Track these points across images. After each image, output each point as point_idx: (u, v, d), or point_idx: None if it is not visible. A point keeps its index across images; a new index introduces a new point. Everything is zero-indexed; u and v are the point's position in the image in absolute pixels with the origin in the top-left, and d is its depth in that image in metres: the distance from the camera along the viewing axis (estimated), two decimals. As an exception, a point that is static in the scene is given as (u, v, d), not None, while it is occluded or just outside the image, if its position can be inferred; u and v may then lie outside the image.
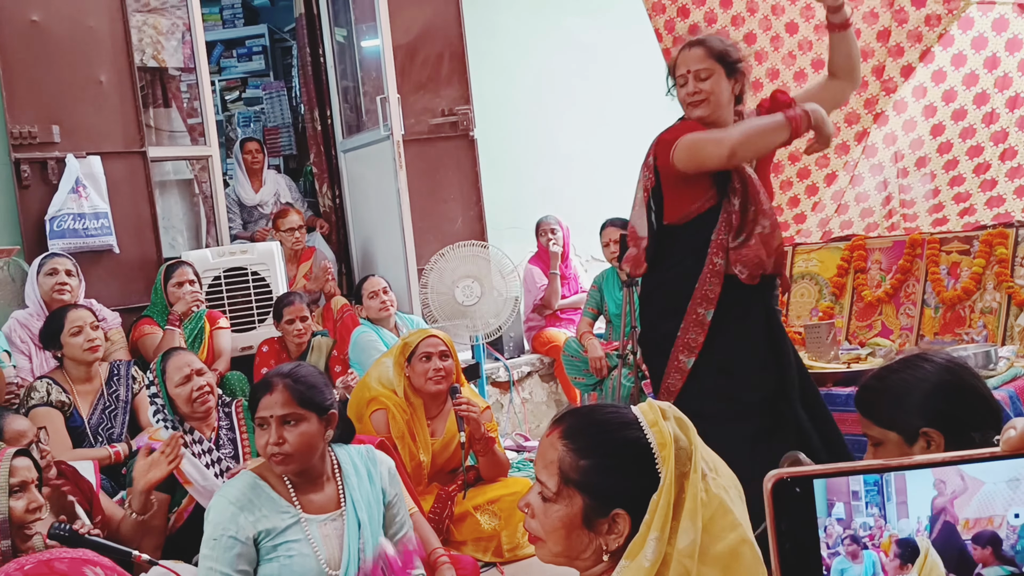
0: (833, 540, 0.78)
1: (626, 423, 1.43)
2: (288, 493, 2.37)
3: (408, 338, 3.75)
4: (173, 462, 2.77)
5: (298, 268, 5.53)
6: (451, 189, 5.72)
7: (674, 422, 1.41)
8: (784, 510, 0.79)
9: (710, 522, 1.35)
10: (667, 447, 1.37)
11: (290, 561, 2.29)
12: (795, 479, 0.79)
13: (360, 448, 2.58)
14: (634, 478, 1.38)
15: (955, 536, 0.77)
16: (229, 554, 2.25)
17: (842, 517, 0.78)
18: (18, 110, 4.49)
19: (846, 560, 0.78)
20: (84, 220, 4.50)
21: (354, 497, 2.43)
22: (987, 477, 0.78)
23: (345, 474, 2.47)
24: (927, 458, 0.78)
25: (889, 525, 0.78)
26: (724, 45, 2.84)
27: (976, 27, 4.27)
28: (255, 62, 7.92)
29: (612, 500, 1.39)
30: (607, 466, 1.41)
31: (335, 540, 2.36)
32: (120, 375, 3.84)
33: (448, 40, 5.69)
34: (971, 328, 3.91)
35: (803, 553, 0.79)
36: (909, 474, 0.78)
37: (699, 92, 2.80)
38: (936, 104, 4.40)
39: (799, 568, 0.79)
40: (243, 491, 2.33)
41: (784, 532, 0.79)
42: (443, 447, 3.72)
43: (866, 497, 0.78)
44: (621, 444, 1.41)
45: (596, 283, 5.28)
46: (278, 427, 2.34)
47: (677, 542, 1.33)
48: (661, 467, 1.37)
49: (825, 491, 0.78)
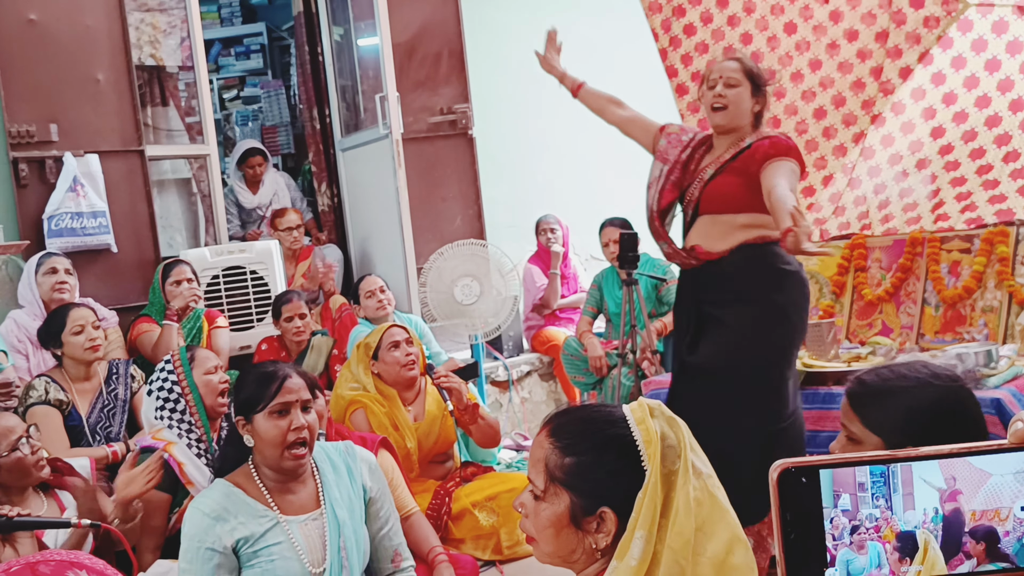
0: (839, 531, 0.77)
1: (612, 420, 1.41)
2: (264, 497, 2.34)
3: (367, 339, 3.74)
4: (150, 483, 2.73)
5: (296, 267, 5.52)
6: (450, 188, 5.71)
7: (663, 420, 1.40)
8: (790, 500, 0.78)
9: (705, 521, 1.34)
10: (652, 444, 1.36)
11: (272, 565, 2.26)
12: (801, 469, 0.78)
13: (339, 444, 2.56)
14: (619, 475, 1.37)
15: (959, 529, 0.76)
16: (208, 565, 2.22)
17: (848, 508, 0.77)
18: (16, 109, 4.48)
19: (851, 551, 0.77)
20: (82, 219, 4.49)
21: (332, 495, 2.40)
22: (994, 469, 0.77)
23: (322, 472, 2.43)
24: (934, 449, 0.77)
25: (895, 517, 0.77)
26: (757, 67, 3.05)
27: (976, 29, 4.26)
28: (253, 60, 7.91)
29: (598, 498, 1.38)
30: (591, 463, 1.40)
31: (317, 540, 2.34)
32: (119, 374, 3.83)
33: (447, 38, 5.68)
34: (972, 327, 3.90)
35: (808, 543, 0.78)
36: (916, 465, 0.77)
37: (723, 97, 2.98)
38: (936, 107, 4.39)
39: (804, 558, 0.78)
40: (217, 500, 2.29)
41: (789, 522, 0.78)
42: (428, 429, 3.71)
43: (872, 488, 0.77)
44: (605, 441, 1.40)
45: (596, 282, 5.28)
46: (302, 412, 2.33)
47: (670, 541, 1.32)
48: (647, 464, 1.35)
49: (831, 482, 0.78)
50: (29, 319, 4.13)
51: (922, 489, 0.77)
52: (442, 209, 5.68)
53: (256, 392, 2.34)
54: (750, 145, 2.98)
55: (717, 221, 3.02)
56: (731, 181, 2.99)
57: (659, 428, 1.37)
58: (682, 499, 1.33)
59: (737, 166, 2.98)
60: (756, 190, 2.90)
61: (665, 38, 5.01)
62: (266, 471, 2.37)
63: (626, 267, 4.49)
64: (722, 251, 3.00)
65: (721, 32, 4.84)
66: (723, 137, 3.06)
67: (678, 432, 1.39)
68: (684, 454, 1.36)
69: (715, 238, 3.02)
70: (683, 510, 1.33)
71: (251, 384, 2.38)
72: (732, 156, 3.00)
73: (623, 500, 1.35)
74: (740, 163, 2.97)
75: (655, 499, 1.33)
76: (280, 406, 2.31)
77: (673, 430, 1.39)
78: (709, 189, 3.02)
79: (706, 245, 3.03)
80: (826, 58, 4.64)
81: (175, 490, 3.01)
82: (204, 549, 2.22)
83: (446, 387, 3.54)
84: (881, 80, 4.45)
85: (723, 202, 3.00)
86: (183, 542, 2.27)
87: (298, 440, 2.30)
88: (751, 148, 2.97)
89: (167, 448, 2.99)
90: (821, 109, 4.66)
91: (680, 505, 1.33)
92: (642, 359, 4.66)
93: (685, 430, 1.40)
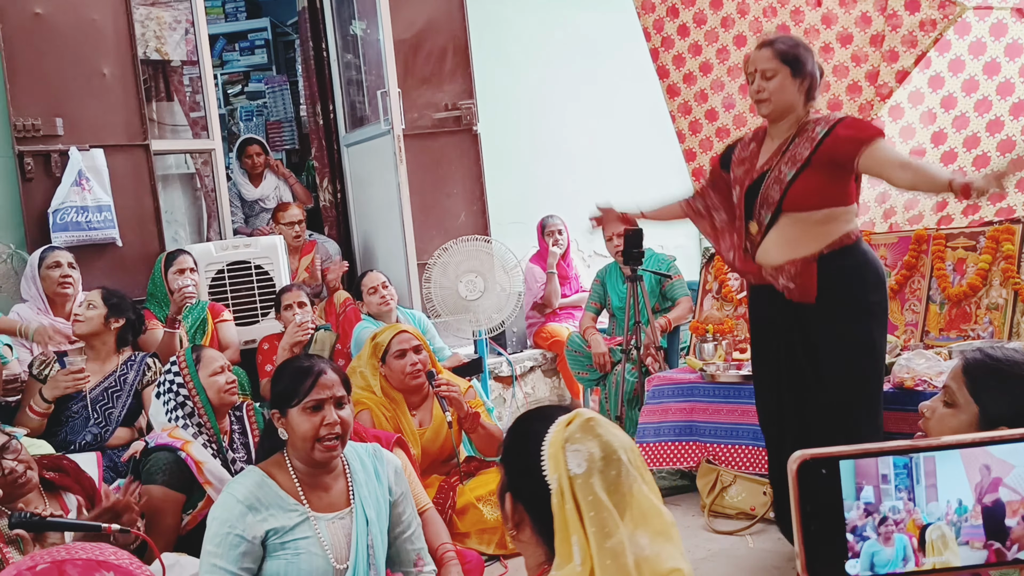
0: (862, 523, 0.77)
1: (543, 417, 1.46)
2: (295, 490, 2.35)
3: (377, 338, 3.73)
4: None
5: (299, 261, 5.52)
6: (454, 184, 5.71)
7: (582, 426, 1.40)
8: (809, 492, 0.78)
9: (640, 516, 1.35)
10: (555, 446, 1.38)
11: (297, 559, 2.28)
12: (821, 460, 0.78)
13: (368, 446, 2.57)
14: (518, 466, 1.46)
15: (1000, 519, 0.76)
16: (234, 552, 2.23)
17: (871, 500, 0.77)
18: (22, 103, 4.48)
19: (877, 543, 0.76)
20: (87, 213, 4.49)
21: (362, 495, 2.41)
22: (1016, 460, 0.77)
23: (353, 471, 2.45)
24: (955, 439, 0.77)
25: (918, 508, 0.77)
26: (793, 48, 2.98)
27: (974, 32, 4.23)
28: (257, 56, 7.90)
29: (510, 484, 1.47)
30: (510, 446, 1.51)
31: (342, 538, 2.35)
32: (134, 361, 3.85)
33: (452, 34, 5.68)
34: (977, 324, 3.89)
35: (828, 535, 0.78)
36: (939, 456, 0.77)
37: (763, 91, 2.97)
38: (935, 111, 4.36)
39: (823, 550, 0.78)
40: (251, 489, 2.31)
41: (809, 514, 0.78)
42: (433, 435, 3.71)
43: (896, 480, 0.77)
44: (522, 435, 1.48)
45: (599, 277, 5.27)
46: (336, 409, 2.34)
47: (597, 545, 1.32)
48: (548, 473, 1.38)
49: (854, 474, 0.77)
50: (32, 313, 4.13)
51: (945, 480, 0.77)
52: (447, 205, 5.68)
53: (291, 387, 2.36)
54: (826, 135, 2.92)
55: (799, 220, 2.97)
56: (817, 178, 2.93)
57: (564, 437, 1.38)
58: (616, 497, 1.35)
59: (822, 159, 2.91)
60: (843, 182, 2.92)
61: (657, 38, 4.98)
62: (298, 464, 2.38)
63: (631, 263, 4.48)
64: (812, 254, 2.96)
65: (715, 33, 4.82)
66: (777, 124, 3.03)
67: (606, 446, 1.39)
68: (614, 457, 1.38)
69: (798, 244, 2.98)
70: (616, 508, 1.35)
71: (286, 378, 2.39)
72: (810, 152, 2.93)
73: (528, 499, 1.42)
74: (824, 156, 2.91)
75: (568, 507, 1.34)
76: (314, 402, 2.33)
77: (601, 445, 1.38)
78: (794, 189, 2.95)
79: (788, 253, 2.99)
80: (820, 62, 4.62)
81: (190, 490, 2.98)
82: (233, 535, 2.23)
83: (445, 396, 3.53)
84: (877, 84, 4.41)
85: (808, 201, 2.94)
86: (211, 525, 2.27)
87: (330, 435, 2.32)
88: (831, 137, 2.91)
89: (184, 447, 2.99)
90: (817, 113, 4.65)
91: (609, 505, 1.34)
92: (646, 355, 4.66)
93: (618, 441, 1.40)
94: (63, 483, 2.75)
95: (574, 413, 1.43)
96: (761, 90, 2.97)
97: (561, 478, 1.35)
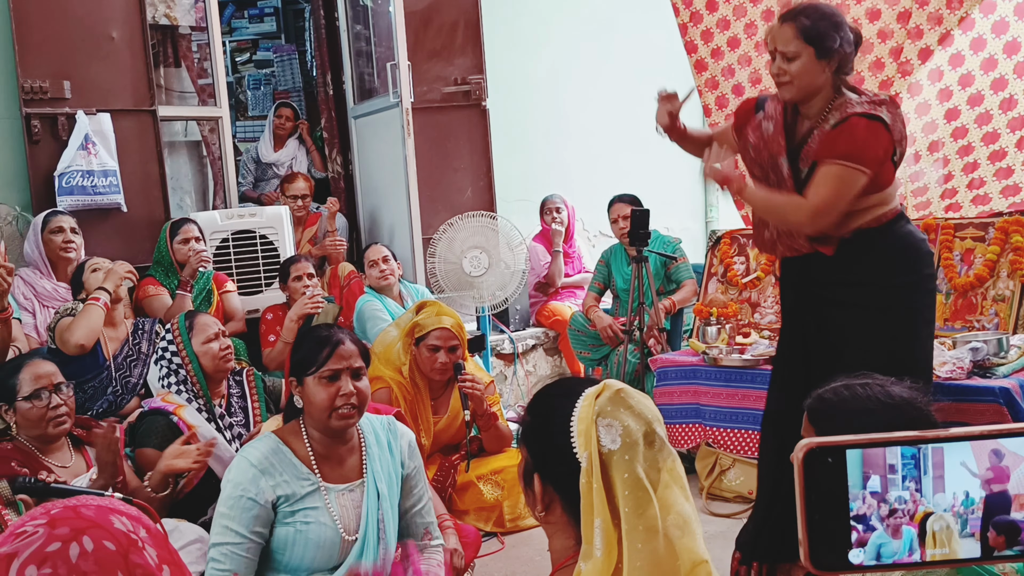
0: (868, 513, 0.76)
1: (565, 391, 1.38)
2: (309, 459, 2.35)
3: (421, 319, 3.66)
4: (199, 463, 2.77)
5: (303, 233, 5.50)
6: (461, 159, 5.68)
7: (612, 399, 1.32)
8: (815, 481, 0.77)
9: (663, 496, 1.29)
10: (586, 421, 1.30)
11: (306, 528, 2.28)
12: (828, 448, 0.77)
13: (383, 419, 2.56)
14: (545, 444, 1.37)
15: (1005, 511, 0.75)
16: (247, 515, 2.23)
17: (877, 490, 0.76)
18: (30, 65, 4.45)
19: (884, 534, 0.76)
20: (93, 177, 4.47)
21: (375, 468, 2.41)
22: (1027, 453, 0.76)
23: (367, 444, 2.45)
24: (965, 431, 0.76)
25: (924, 499, 0.76)
26: (818, 22, 2.66)
27: (998, 11, 4.23)
28: (266, 24, 7.84)
29: (538, 463, 1.38)
30: (535, 428, 1.41)
31: (352, 510, 2.35)
32: (144, 330, 3.86)
33: (463, 8, 5.63)
34: (983, 315, 3.88)
35: (832, 525, 0.77)
36: (947, 447, 0.76)
37: (784, 73, 2.69)
38: (952, 88, 4.37)
39: (827, 540, 0.77)
40: (265, 454, 2.31)
41: (814, 503, 0.77)
42: (446, 426, 3.73)
43: (903, 470, 0.76)
44: (549, 412, 1.38)
45: (604, 258, 5.25)
46: (353, 379, 2.33)
47: (629, 528, 1.25)
48: (578, 450, 1.30)
49: (860, 463, 0.76)
50: (36, 276, 4.13)
51: (953, 471, 0.76)
52: (453, 180, 5.65)
53: (308, 356, 2.35)
54: (847, 119, 2.65)
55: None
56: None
57: (595, 411, 1.30)
58: (636, 482, 1.27)
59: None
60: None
61: (686, 12, 4.96)
62: (314, 432, 2.38)
63: (636, 244, 4.47)
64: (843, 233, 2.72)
65: (743, 8, 4.80)
66: (808, 104, 2.75)
67: (641, 419, 1.31)
68: (645, 440, 1.30)
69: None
70: (641, 489, 1.27)
71: (305, 347, 2.38)
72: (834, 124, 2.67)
73: (557, 479, 1.34)
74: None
75: (591, 483, 1.27)
76: (330, 371, 2.32)
77: (635, 418, 1.31)
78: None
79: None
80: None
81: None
82: (246, 498, 2.24)
83: (467, 392, 3.57)
84: (900, 60, 4.41)
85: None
86: (225, 488, 2.27)
87: (346, 405, 2.31)
88: (849, 123, 2.64)
89: (177, 411, 3.00)
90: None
91: (636, 485, 1.27)
92: (648, 336, 4.65)
93: (651, 413, 1.33)
94: (89, 439, 2.83)
95: (602, 385, 1.34)
96: (782, 72, 2.69)
97: (592, 455, 1.27)
